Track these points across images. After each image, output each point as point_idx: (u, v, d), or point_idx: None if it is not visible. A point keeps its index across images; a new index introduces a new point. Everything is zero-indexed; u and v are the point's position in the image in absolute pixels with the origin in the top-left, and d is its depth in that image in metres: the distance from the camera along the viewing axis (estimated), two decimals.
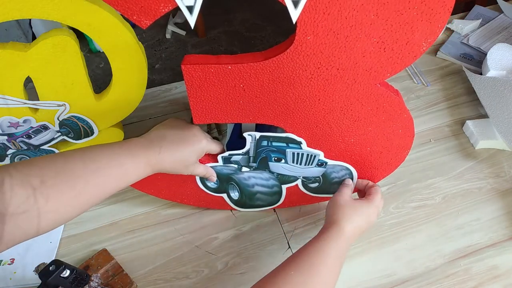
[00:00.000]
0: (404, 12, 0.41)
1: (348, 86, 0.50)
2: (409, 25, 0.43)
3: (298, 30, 0.43)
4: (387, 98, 0.52)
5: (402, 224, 0.68)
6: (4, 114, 0.64)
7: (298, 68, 0.47)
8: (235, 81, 0.49)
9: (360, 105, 0.52)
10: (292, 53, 0.46)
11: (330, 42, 0.44)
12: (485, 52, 0.92)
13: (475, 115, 0.83)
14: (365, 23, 0.42)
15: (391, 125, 0.55)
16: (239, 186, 0.63)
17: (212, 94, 0.51)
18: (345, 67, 0.47)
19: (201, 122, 0.55)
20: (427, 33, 0.43)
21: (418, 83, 0.90)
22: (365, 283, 0.62)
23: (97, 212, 0.70)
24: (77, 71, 0.62)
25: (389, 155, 0.60)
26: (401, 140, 0.58)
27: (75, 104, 0.66)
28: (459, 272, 0.62)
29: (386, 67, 0.47)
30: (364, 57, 0.46)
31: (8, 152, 0.70)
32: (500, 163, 0.76)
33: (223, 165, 0.60)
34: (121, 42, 0.61)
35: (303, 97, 0.51)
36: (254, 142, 0.57)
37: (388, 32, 0.43)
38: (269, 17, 2.17)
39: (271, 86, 0.50)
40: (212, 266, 0.64)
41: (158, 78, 1.91)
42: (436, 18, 0.42)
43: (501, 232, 0.67)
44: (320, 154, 0.58)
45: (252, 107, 0.52)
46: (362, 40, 0.44)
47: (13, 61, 0.58)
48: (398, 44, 0.44)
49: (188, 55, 0.49)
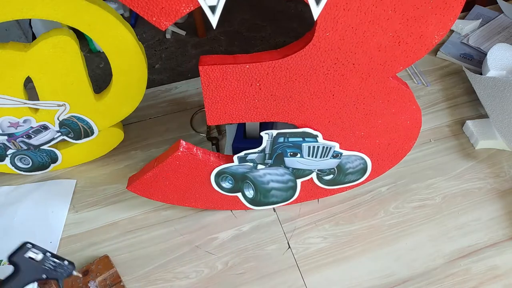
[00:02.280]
0: (420, 6, 0.42)
1: (362, 81, 0.50)
2: (424, 19, 0.44)
3: (318, 27, 0.44)
4: (399, 91, 0.52)
5: (402, 224, 0.68)
6: (4, 114, 0.64)
7: (316, 65, 0.48)
8: (252, 80, 0.49)
9: (372, 98, 0.53)
10: (311, 49, 0.46)
11: (348, 38, 0.45)
12: (485, 52, 0.92)
13: (475, 115, 0.83)
14: (382, 18, 0.43)
15: (400, 117, 0.56)
16: (254, 184, 0.63)
17: (228, 94, 0.51)
18: (361, 62, 0.48)
19: (215, 123, 0.55)
20: (440, 26, 0.44)
21: (418, 83, 0.90)
22: (365, 283, 0.62)
23: (97, 212, 0.70)
24: (77, 71, 0.62)
25: (396, 146, 0.61)
26: (408, 131, 0.59)
27: (75, 104, 0.66)
28: (459, 272, 0.62)
29: (399, 60, 0.48)
30: (379, 51, 0.47)
31: (8, 152, 0.70)
32: (500, 163, 0.76)
33: (238, 164, 0.60)
34: (121, 42, 0.61)
35: (318, 93, 0.52)
36: (271, 140, 0.57)
37: (403, 26, 0.44)
38: (269, 17, 2.16)
39: (287, 84, 0.50)
40: (212, 266, 0.64)
41: (158, 78, 1.91)
42: (449, 11, 0.43)
43: (501, 232, 0.67)
44: (335, 146, 0.59)
45: (267, 105, 0.53)
46: (379, 34, 0.45)
47: (13, 61, 0.58)
48: (412, 38, 0.45)
49: (203, 56, 0.49)
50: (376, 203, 0.70)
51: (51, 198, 0.72)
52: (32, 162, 0.73)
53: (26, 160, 0.72)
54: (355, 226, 0.67)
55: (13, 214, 0.70)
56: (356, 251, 0.65)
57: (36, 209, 0.71)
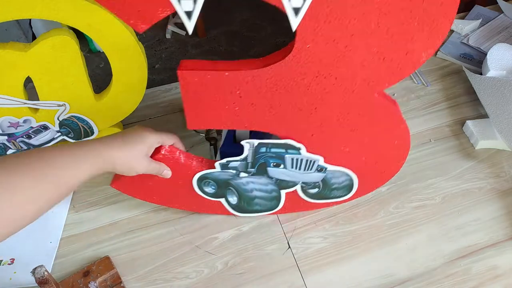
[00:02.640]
0: (406, 22, 0.41)
1: (346, 96, 0.49)
2: (409, 36, 0.42)
3: (298, 38, 0.42)
4: (385, 109, 0.51)
5: (402, 224, 0.68)
6: (4, 114, 0.64)
7: (296, 76, 0.47)
8: (232, 87, 0.48)
9: (357, 115, 0.51)
10: (291, 60, 0.45)
11: (329, 51, 0.44)
12: (485, 52, 0.92)
13: (475, 115, 0.83)
14: (365, 32, 0.42)
15: (387, 136, 0.55)
16: (237, 191, 0.63)
17: (208, 100, 0.50)
18: (344, 76, 0.46)
19: (196, 127, 0.55)
20: (427, 44, 0.42)
21: (418, 83, 0.90)
22: (365, 283, 0.62)
23: (97, 212, 0.70)
24: (77, 71, 0.62)
25: (384, 165, 0.59)
26: (396, 151, 0.57)
27: (75, 104, 0.66)
28: (459, 272, 0.62)
29: (384, 77, 0.46)
30: (363, 67, 0.45)
31: (8, 152, 0.70)
32: (500, 163, 0.75)
33: (220, 171, 0.60)
34: (121, 42, 0.61)
35: (299, 105, 0.50)
36: (252, 149, 0.57)
37: (388, 42, 0.42)
38: (269, 17, 2.17)
39: (268, 94, 0.49)
40: (212, 266, 0.64)
41: (158, 78, 1.91)
42: (437, 29, 0.41)
43: (501, 232, 0.66)
44: (319, 159, 0.57)
45: (248, 114, 0.52)
46: (362, 49, 0.43)
47: (13, 61, 0.58)
48: (398, 55, 0.44)
49: (184, 60, 0.49)
50: (376, 203, 0.70)
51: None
52: None
53: None
54: (355, 226, 0.67)
55: None
56: (356, 251, 0.65)
57: None
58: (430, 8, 0.39)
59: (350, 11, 0.40)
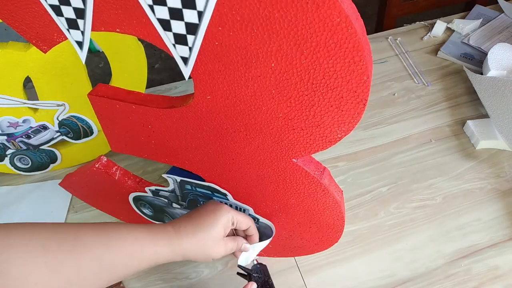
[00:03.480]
0: (308, 94, 0.36)
1: (260, 154, 0.45)
2: (316, 108, 0.37)
3: (195, 87, 0.40)
4: (305, 177, 0.46)
5: (402, 224, 0.68)
6: (4, 114, 0.64)
7: (203, 124, 0.43)
8: (142, 120, 0.46)
9: (275, 175, 0.47)
10: (194, 108, 0.42)
11: (231, 106, 0.40)
12: (485, 52, 0.91)
13: (476, 115, 0.83)
14: (265, 96, 0.38)
15: (314, 204, 0.49)
16: (173, 218, 0.59)
17: (123, 128, 0.48)
18: (253, 134, 0.42)
19: (118, 151, 0.53)
20: (339, 121, 0.38)
21: (418, 83, 0.90)
22: (365, 283, 0.61)
23: (97, 212, 0.70)
24: (77, 71, 0.62)
25: (320, 232, 0.54)
26: (330, 220, 0.52)
27: (75, 104, 0.66)
28: (460, 273, 0.62)
29: (297, 145, 0.42)
30: (271, 129, 0.41)
31: (8, 152, 0.70)
32: (501, 163, 0.75)
33: (153, 196, 0.57)
34: (121, 42, 0.61)
35: (214, 152, 0.47)
36: (177, 184, 0.53)
37: (293, 110, 0.38)
38: None
39: (179, 134, 0.46)
40: (212, 266, 0.64)
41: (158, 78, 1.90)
42: (347, 107, 0.36)
43: (502, 232, 0.66)
44: (249, 210, 0.53)
45: (164, 149, 0.49)
46: (266, 112, 0.39)
47: (13, 61, 0.58)
48: (308, 125, 0.39)
49: (101, 84, 0.47)
50: (377, 204, 0.70)
51: (50, 198, 0.72)
52: (31, 162, 0.73)
53: (26, 160, 0.72)
54: (355, 227, 0.67)
55: (13, 214, 0.70)
56: (357, 251, 0.65)
57: (36, 209, 0.71)
58: (334, 84, 0.35)
59: (243, 70, 0.36)
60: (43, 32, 0.39)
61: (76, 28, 0.38)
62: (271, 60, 0.35)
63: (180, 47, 0.36)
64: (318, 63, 0.34)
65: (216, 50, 0.35)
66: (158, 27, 0.35)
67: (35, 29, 0.39)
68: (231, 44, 0.34)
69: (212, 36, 0.34)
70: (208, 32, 0.34)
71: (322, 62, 0.33)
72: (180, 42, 0.35)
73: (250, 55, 0.35)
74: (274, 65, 0.35)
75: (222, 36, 0.34)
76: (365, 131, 0.81)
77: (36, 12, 0.38)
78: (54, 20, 0.38)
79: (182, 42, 0.35)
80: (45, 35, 0.40)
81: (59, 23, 0.38)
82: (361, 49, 0.32)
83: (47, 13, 0.37)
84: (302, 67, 0.34)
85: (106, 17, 0.36)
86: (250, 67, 0.36)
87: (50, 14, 0.37)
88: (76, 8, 0.36)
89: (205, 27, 0.33)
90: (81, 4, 0.35)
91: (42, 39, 0.40)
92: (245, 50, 0.34)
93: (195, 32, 0.34)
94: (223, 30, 0.33)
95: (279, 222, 0.55)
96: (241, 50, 0.35)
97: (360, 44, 0.31)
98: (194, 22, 0.33)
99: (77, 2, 0.35)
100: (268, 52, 0.34)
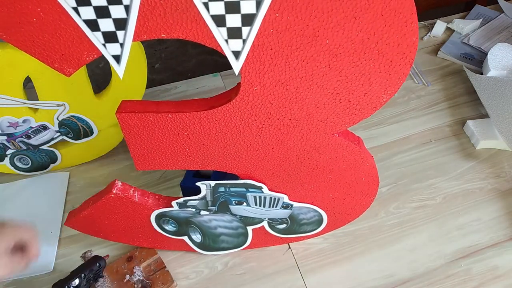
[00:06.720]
0: (360, 64, 0.38)
1: (303, 136, 0.46)
2: (366, 77, 0.39)
3: (243, 81, 0.40)
4: (346, 148, 0.48)
5: (402, 224, 0.68)
6: (4, 114, 0.64)
7: (247, 118, 0.44)
8: (178, 129, 0.45)
9: (317, 154, 0.48)
10: (238, 103, 0.42)
11: (279, 93, 0.41)
12: (485, 52, 0.91)
13: (476, 115, 0.83)
14: (316, 74, 0.39)
15: (352, 173, 0.52)
16: (200, 228, 0.59)
17: (155, 142, 0.47)
18: (298, 117, 0.44)
19: (144, 169, 0.51)
20: (386, 85, 0.40)
21: (418, 83, 0.90)
22: (365, 283, 0.61)
23: None
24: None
25: (353, 201, 0.57)
26: (364, 187, 0.54)
27: (75, 104, 0.66)
28: (460, 273, 0.62)
29: (342, 118, 0.43)
30: (318, 108, 0.42)
31: (8, 152, 0.70)
32: (500, 163, 0.75)
33: (179, 209, 0.56)
34: None
35: (255, 145, 0.47)
36: (210, 190, 0.53)
37: (343, 83, 0.40)
38: None
39: (219, 135, 0.46)
40: (212, 266, 0.64)
41: (158, 78, 1.90)
42: (395, 70, 0.38)
43: (502, 232, 0.66)
44: (284, 197, 0.54)
45: (200, 154, 0.48)
46: (315, 91, 0.41)
47: (13, 61, 0.58)
48: (355, 96, 0.41)
49: (125, 101, 0.46)
50: (377, 203, 0.70)
51: (47, 190, 0.73)
52: (31, 162, 0.73)
53: (26, 160, 0.72)
54: (355, 227, 0.67)
55: (11, 209, 0.70)
56: (357, 251, 0.65)
57: (33, 202, 0.71)
58: (386, 49, 0.37)
59: (298, 53, 0.37)
60: (69, 53, 0.37)
61: (114, 41, 0.35)
62: (326, 38, 0.36)
63: (233, 42, 0.36)
64: (373, 32, 0.35)
65: (270, 37, 0.36)
66: (211, 24, 0.35)
67: (60, 51, 0.37)
68: (287, 28, 0.35)
69: (269, 24, 0.35)
70: (265, 21, 0.34)
71: (376, 30, 0.35)
72: (234, 36, 0.35)
73: (306, 36, 0.36)
74: (329, 41, 0.36)
75: (278, 23, 0.35)
76: (365, 131, 0.81)
77: (63, 31, 0.35)
78: (88, 36, 0.35)
79: (236, 36, 0.35)
80: (72, 56, 0.37)
81: (93, 39, 0.36)
82: (414, 11, 0.34)
83: (78, 30, 0.35)
84: (357, 38, 0.36)
85: (151, 24, 0.35)
86: (303, 49, 0.37)
87: (84, 30, 0.35)
88: (117, 19, 0.34)
89: (262, 16, 0.34)
90: (124, 14, 0.33)
91: (68, 61, 0.38)
92: (301, 32, 0.35)
93: (251, 22, 0.34)
94: (281, 16, 0.34)
95: (314, 202, 0.56)
96: (297, 33, 0.36)
97: (414, 6, 0.34)
98: (251, 12, 0.33)
99: (119, 13, 0.33)
100: (326, 29, 0.35)
